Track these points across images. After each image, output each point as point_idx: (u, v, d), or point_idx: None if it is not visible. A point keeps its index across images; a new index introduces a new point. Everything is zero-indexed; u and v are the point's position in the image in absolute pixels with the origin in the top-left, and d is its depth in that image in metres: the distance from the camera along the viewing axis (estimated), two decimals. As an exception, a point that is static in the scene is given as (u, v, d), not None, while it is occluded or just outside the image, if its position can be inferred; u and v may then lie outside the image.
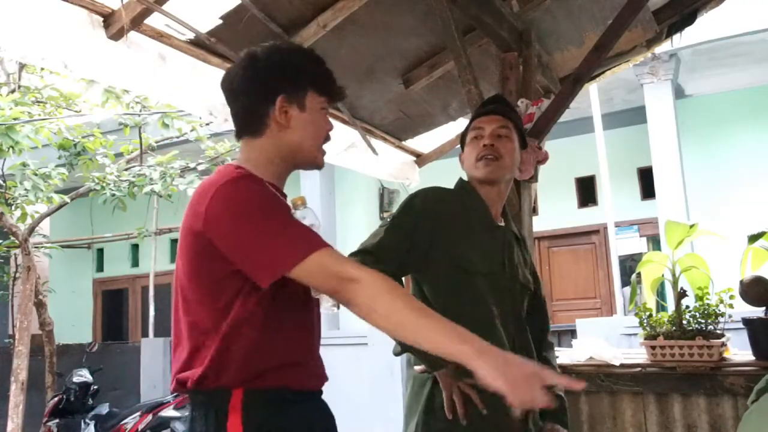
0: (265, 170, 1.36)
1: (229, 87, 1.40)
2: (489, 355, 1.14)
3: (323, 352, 1.42)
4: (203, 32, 2.39)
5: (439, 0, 2.43)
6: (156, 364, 6.90)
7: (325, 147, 1.46)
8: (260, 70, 1.36)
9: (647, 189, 7.65)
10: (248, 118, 1.38)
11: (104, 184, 5.87)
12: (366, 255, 1.70)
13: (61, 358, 6.49)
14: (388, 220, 1.78)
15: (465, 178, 1.91)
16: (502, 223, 1.88)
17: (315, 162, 1.44)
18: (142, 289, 10.00)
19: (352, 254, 1.72)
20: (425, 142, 4.03)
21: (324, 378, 1.40)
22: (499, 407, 1.65)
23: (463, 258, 1.74)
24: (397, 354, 1.77)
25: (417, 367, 1.77)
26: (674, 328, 2.41)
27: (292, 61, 1.40)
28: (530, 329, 1.93)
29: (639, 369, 2.41)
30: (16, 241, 5.91)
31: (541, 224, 7.49)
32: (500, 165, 1.82)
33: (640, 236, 7.58)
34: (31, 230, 5.97)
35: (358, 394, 6.08)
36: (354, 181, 7.92)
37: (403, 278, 1.80)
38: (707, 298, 2.42)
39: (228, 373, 1.22)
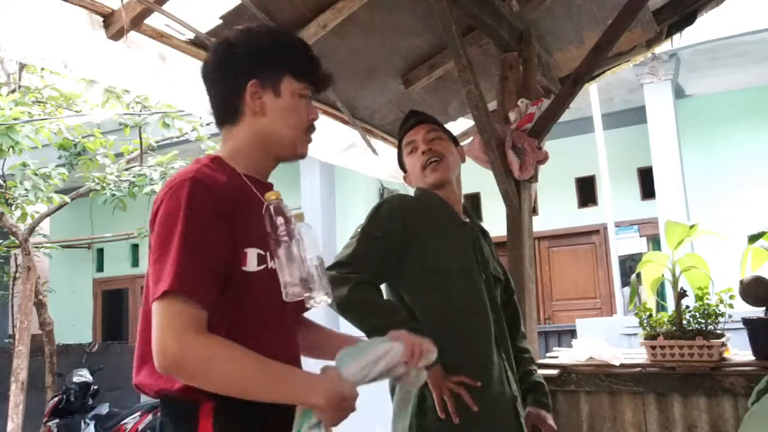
0: (241, 160, 1.30)
1: (204, 75, 1.34)
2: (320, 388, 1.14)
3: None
4: (203, 32, 2.39)
5: (439, 0, 2.43)
6: (156, 364, 6.89)
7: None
8: (232, 55, 1.30)
9: (647, 189, 7.65)
10: (223, 105, 1.32)
11: (104, 184, 5.87)
12: (342, 267, 1.72)
13: (61, 358, 6.49)
14: (358, 231, 1.80)
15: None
16: (467, 220, 1.93)
17: (295, 152, 1.35)
18: (142, 289, 9.96)
19: (329, 267, 1.71)
20: (425, 142, 4.02)
21: None
22: (489, 404, 1.70)
23: (438, 259, 1.78)
24: None
25: None
26: (674, 328, 2.41)
27: (265, 44, 1.32)
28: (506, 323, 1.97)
29: (639, 369, 2.41)
30: (16, 241, 5.91)
31: (541, 224, 7.49)
32: (445, 164, 1.89)
33: (640, 236, 7.59)
34: (31, 230, 5.97)
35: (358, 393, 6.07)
36: (354, 181, 7.92)
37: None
38: (707, 298, 2.42)
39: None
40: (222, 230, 1.16)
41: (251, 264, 1.19)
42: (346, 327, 1.75)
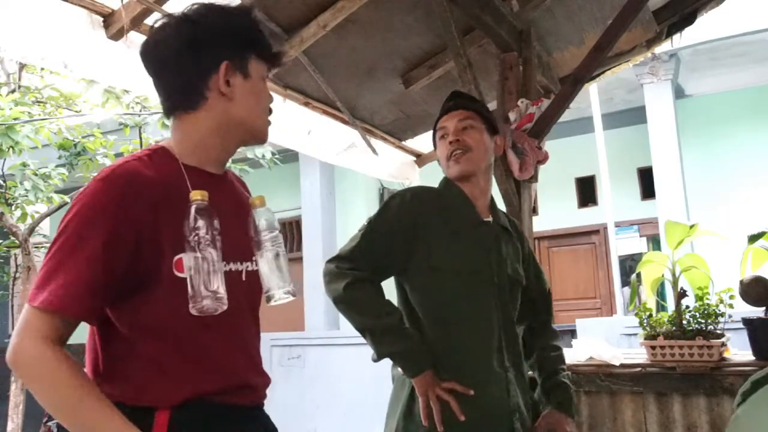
0: (197, 150, 1.20)
1: (158, 55, 1.20)
2: None
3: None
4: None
5: (439, 0, 2.43)
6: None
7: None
8: (200, 34, 1.18)
9: (647, 189, 7.66)
10: (184, 90, 1.19)
11: (104, 184, 5.86)
12: (341, 261, 1.71)
13: (61, 358, 6.48)
14: (365, 223, 1.77)
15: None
16: (489, 218, 1.84)
17: (262, 136, 1.27)
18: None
19: (330, 260, 1.74)
20: (425, 142, 4.03)
21: (258, 391, 1.25)
22: (480, 414, 1.65)
23: (444, 259, 1.72)
24: (375, 361, 1.74)
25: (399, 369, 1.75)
26: (674, 328, 2.41)
27: (235, 23, 1.22)
28: (531, 320, 1.94)
29: (639, 369, 2.41)
30: (16, 241, 5.91)
31: (541, 224, 7.49)
32: (470, 157, 1.79)
33: (640, 236, 7.59)
34: (31, 230, 5.96)
35: (358, 394, 6.07)
36: (354, 181, 7.92)
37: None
38: (707, 298, 2.42)
39: (147, 391, 1.10)
40: (124, 236, 1.07)
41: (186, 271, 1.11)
42: (345, 324, 1.75)
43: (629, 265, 7.41)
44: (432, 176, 1.91)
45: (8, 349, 1.06)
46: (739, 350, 2.44)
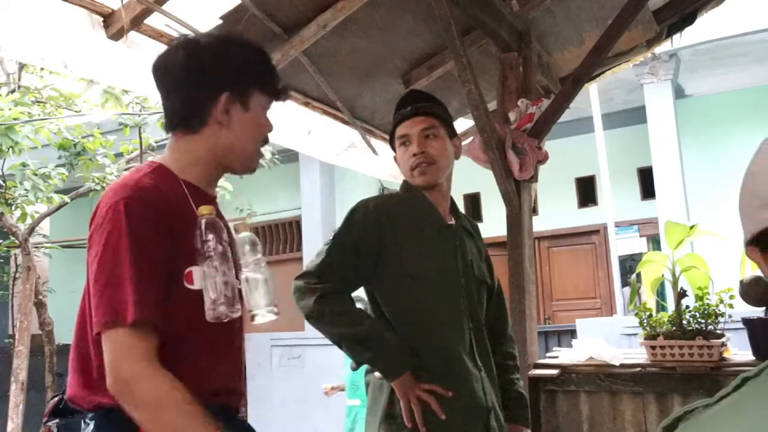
0: (192, 170, 1.26)
1: (166, 75, 1.27)
2: None
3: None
4: (203, 32, 2.39)
5: (439, 0, 2.43)
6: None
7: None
8: (206, 63, 1.24)
9: (647, 189, 7.65)
10: (187, 112, 1.25)
11: (104, 184, 5.86)
12: (309, 277, 1.71)
13: (61, 358, 6.47)
14: (330, 238, 1.77)
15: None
16: (452, 221, 1.86)
17: (250, 167, 1.32)
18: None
19: (298, 277, 1.74)
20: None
21: (236, 395, 1.29)
22: (458, 415, 1.67)
23: (412, 265, 1.74)
24: (354, 369, 1.77)
25: (376, 374, 1.76)
26: (674, 328, 2.41)
27: (241, 56, 1.27)
28: (491, 326, 1.94)
29: (639, 369, 2.41)
30: (16, 241, 5.91)
31: (541, 224, 7.49)
32: (436, 168, 1.80)
33: (640, 236, 7.58)
34: (31, 230, 5.97)
35: (358, 394, 6.06)
36: (354, 181, 7.92)
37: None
38: (707, 298, 2.42)
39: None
40: (163, 248, 1.13)
41: (198, 282, 1.16)
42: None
43: (629, 265, 7.41)
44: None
45: (117, 379, 1.06)
46: (739, 350, 2.44)
